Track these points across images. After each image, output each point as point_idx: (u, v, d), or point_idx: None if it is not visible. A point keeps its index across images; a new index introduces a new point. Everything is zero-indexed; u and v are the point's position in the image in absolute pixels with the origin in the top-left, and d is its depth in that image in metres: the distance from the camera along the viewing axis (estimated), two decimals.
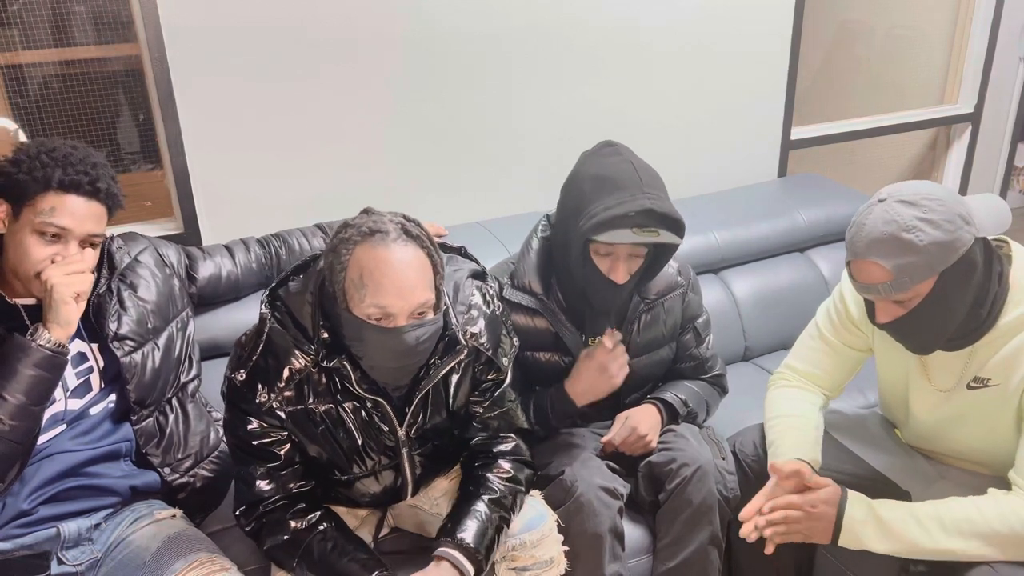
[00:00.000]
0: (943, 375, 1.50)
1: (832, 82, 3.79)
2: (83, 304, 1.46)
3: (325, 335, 1.38)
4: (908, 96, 3.51)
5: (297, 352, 1.38)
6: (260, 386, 1.38)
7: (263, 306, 1.41)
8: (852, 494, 1.44)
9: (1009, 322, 1.40)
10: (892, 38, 3.63)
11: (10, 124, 2.28)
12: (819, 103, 3.65)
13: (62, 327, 1.41)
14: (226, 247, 1.92)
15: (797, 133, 2.95)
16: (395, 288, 1.29)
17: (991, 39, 3.26)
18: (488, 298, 1.53)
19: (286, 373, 1.38)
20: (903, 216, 1.31)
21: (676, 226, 1.57)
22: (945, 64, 3.39)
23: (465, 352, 1.46)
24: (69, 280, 1.42)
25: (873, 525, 1.40)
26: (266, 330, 1.38)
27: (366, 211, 1.38)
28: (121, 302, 1.58)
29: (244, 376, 1.38)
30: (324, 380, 1.41)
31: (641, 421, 1.72)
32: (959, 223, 1.31)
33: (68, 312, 1.41)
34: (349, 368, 1.38)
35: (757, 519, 1.44)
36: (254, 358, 1.38)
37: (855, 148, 3.41)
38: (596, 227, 1.51)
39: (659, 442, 1.72)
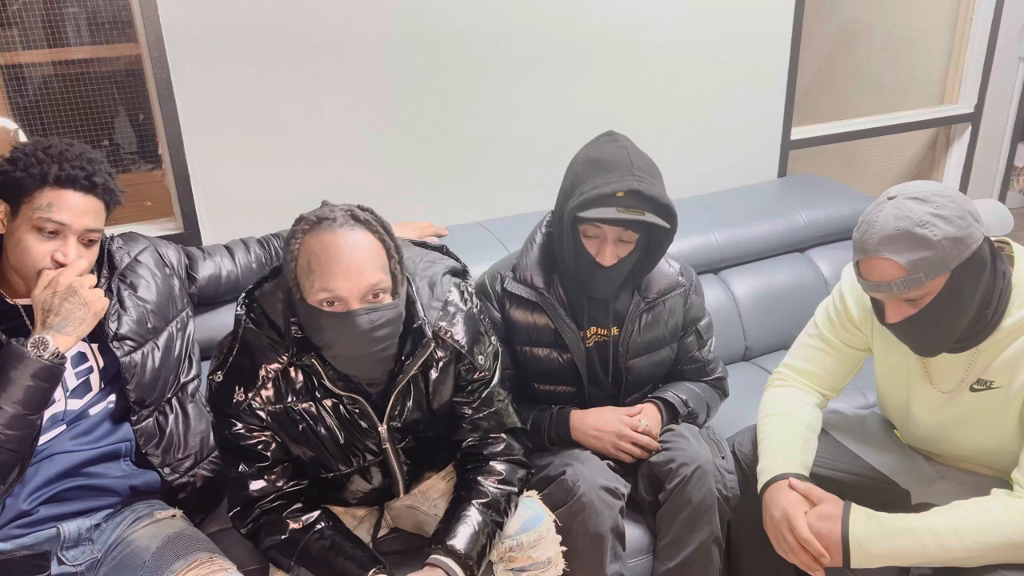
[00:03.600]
0: (945, 376, 1.50)
1: (832, 82, 3.79)
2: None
3: (296, 332, 1.38)
4: (908, 96, 3.51)
5: (272, 352, 1.38)
6: (237, 387, 1.39)
7: (238, 307, 1.41)
8: (854, 513, 1.42)
9: (1013, 324, 1.40)
10: (892, 38, 3.63)
11: (10, 124, 2.28)
12: (819, 103, 3.65)
13: (69, 337, 1.41)
14: (226, 247, 1.92)
15: (797, 133, 2.96)
16: (342, 271, 1.28)
17: (991, 39, 3.26)
18: (466, 296, 1.52)
19: (262, 372, 1.38)
20: (916, 212, 1.30)
21: (666, 213, 1.58)
22: (945, 64, 3.39)
23: (433, 346, 1.45)
24: (96, 299, 1.45)
25: (885, 546, 1.38)
26: (240, 331, 1.39)
27: (322, 204, 1.38)
28: (121, 302, 1.58)
29: (222, 377, 1.39)
30: (301, 379, 1.41)
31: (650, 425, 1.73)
32: (970, 219, 1.31)
33: (85, 329, 1.43)
34: (319, 365, 1.38)
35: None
36: (231, 359, 1.39)
37: (855, 148, 3.40)
38: (582, 204, 1.54)
39: (659, 442, 1.72)
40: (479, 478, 1.50)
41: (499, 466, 1.53)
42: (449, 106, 2.35)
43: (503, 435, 1.57)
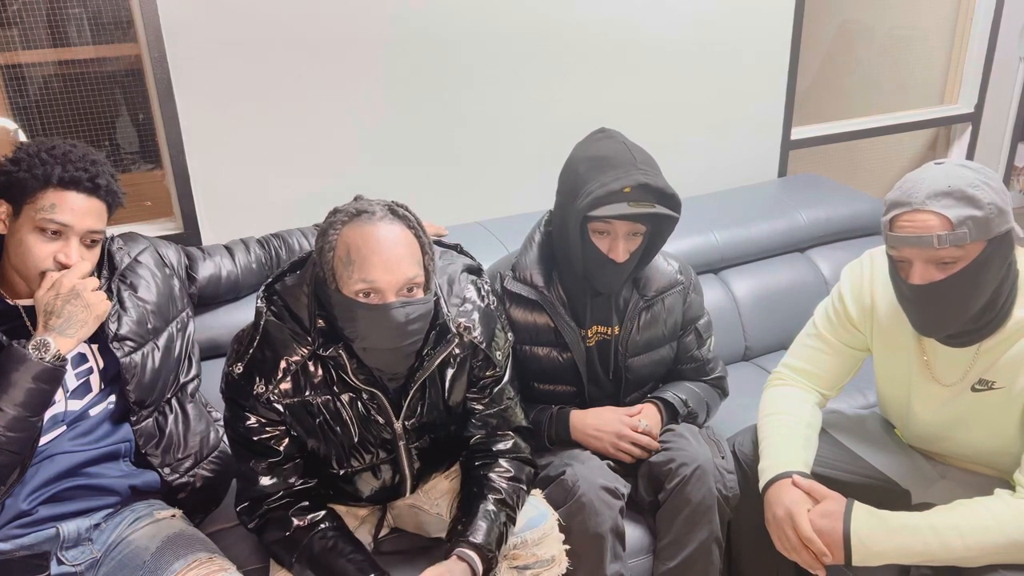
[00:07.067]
0: (948, 371, 1.50)
1: (832, 82, 3.79)
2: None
3: (322, 324, 1.40)
4: (908, 96, 3.51)
5: (294, 344, 1.39)
6: (257, 378, 1.39)
7: (259, 300, 1.42)
8: (856, 510, 1.42)
9: (1015, 324, 1.40)
10: (892, 38, 3.63)
11: (10, 124, 2.28)
12: (819, 103, 3.65)
13: (71, 339, 1.41)
14: (226, 247, 1.92)
15: (797, 133, 2.96)
16: (381, 262, 1.30)
17: (991, 39, 3.26)
18: (483, 293, 1.55)
19: (283, 364, 1.39)
20: (967, 176, 1.33)
21: (671, 203, 1.59)
22: (945, 64, 3.39)
23: (457, 342, 1.47)
24: (99, 301, 1.45)
25: (886, 541, 1.38)
26: (262, 323, 1.40)
27: (356, 198, 1.41)
28: (121, 302, 1.58)
29: (241, 369, 1.40)
30: (320, 372, 1.42)
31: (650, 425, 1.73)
32: (1008, 198, 1.35)
33: (87, 332, 1.43)
34: (345, 357, 1.39)
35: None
36: (251, 351, 1.40)
37: (855, 148, 3.41)
38: (592, 203, 1.55)
39: (658, 442, 1.72)
40: (490, 474, 1.52)
41: (507, 463, 1.55)
42: (449, 106, 2.35)
43: (510, 433, 1.58)
